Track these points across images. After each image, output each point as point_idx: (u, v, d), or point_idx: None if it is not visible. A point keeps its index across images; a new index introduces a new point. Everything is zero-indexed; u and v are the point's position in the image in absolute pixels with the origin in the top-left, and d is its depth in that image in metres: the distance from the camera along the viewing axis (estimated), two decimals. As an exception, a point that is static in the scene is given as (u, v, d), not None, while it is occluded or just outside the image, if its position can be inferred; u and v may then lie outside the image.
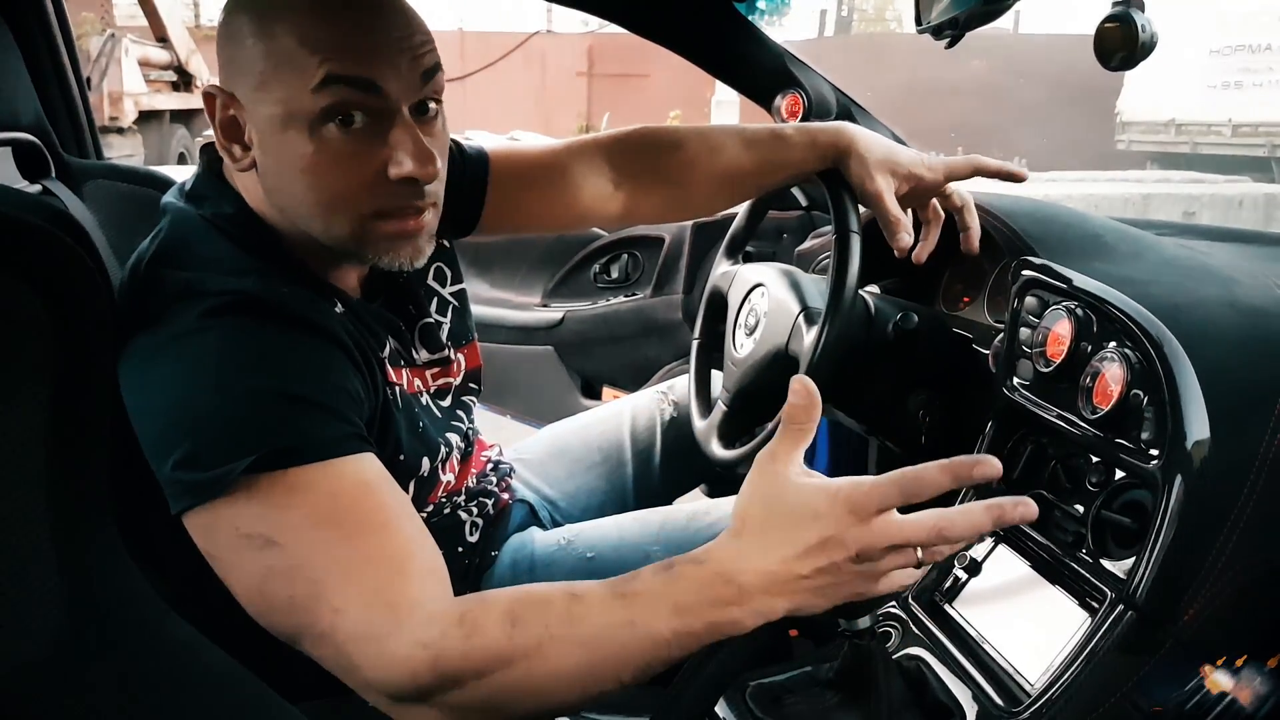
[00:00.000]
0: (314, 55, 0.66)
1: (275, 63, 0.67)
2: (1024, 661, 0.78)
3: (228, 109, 0.70)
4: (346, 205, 0.70)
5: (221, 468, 0.62)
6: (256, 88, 0.68)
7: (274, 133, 0.69)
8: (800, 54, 1.46)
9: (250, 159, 0.71)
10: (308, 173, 0.69)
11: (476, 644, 0.60)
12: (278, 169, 0.70)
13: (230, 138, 0.71)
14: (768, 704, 0.79)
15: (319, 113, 0.67)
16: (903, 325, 1.03)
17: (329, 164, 0.68)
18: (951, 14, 0.90)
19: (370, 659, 0.61)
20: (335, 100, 0.67)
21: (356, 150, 0.68)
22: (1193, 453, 0.73)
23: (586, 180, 1.02)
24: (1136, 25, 0.79)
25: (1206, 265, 0.94)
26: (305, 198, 0.70)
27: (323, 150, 0.68)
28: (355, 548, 0.63)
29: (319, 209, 0.71)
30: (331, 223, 0.71)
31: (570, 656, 0.60)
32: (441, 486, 0.88)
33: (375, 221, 0.71)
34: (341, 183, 0.69)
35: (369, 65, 0.67)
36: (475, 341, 0.96)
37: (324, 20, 0.66)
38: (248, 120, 0.70)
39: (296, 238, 0.75)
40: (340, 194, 0.70)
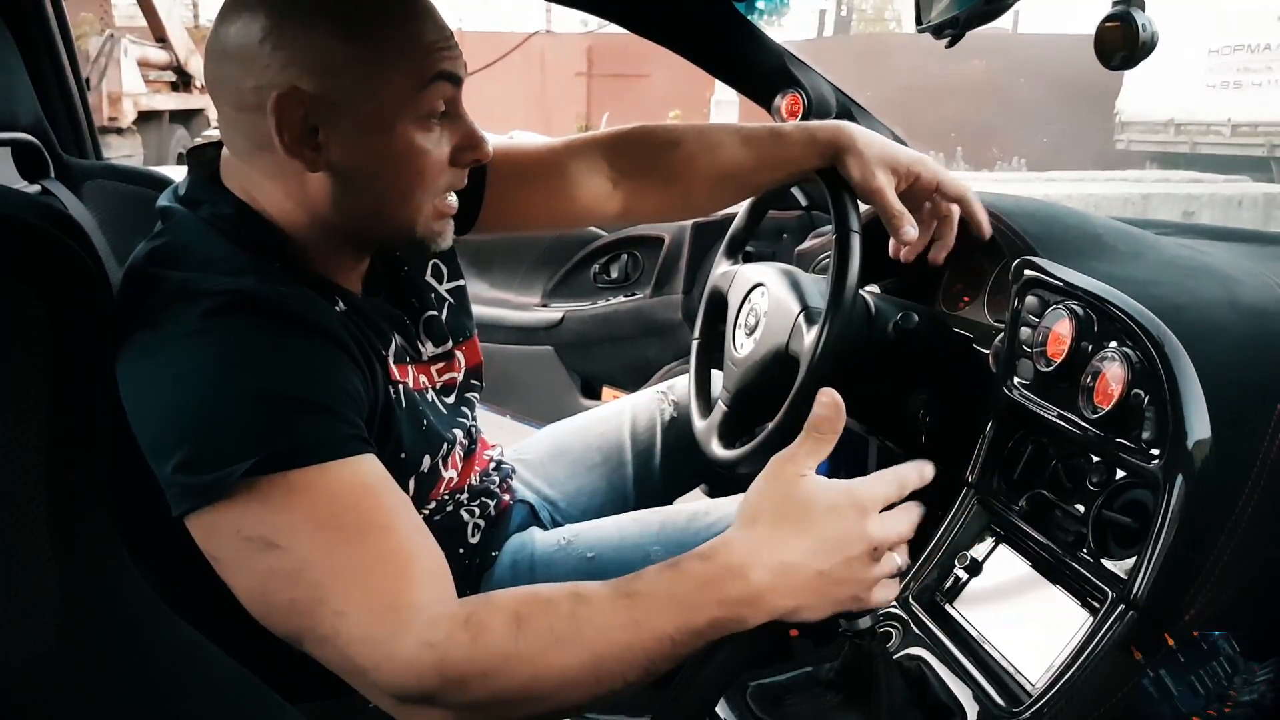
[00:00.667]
0: (422, 54, 0.70)
1: (379, 63, 0.69)
2: (1025, 661, 0.78)
3: (302, 113, 0.69)
4: (428, 191, 0.75)
5: (222, 470, 0.61)
6: (355, 88, 0.69)
7: (374, 129, 0.70)
8: (799, 54, 1.46)
9: (323, 159, 0.71)
10: (405, 164, 0.72)
11: (482, 645, 0.60)
12: (370, 166, 0.72)
13: (301, 141, 0.70)
14: (768, 704, 0.79)
15: (427, 107, 0.71)
16: (903, 325, 1.03)
17: (423, 153, 0.72)
18: (952, 13, 0.90)
19: (375, 661, 0.61)
20: (441, 95, 0.72)
21: (440, 138, 0.74)
22: (1194, 452, 0.72)
23: (584, 178, 1.02)
24: (1137, 25, 0.79)
25: (1207, 265, 0.94)
26: (392, 190, 0.73)
27: (420, 141, 0.72)
28: (356, 550, 0.63)
29: (406, 198, 0.74)
30: (405, 212, 0.75)
31: (575, 657, 0.61)
32: (444, 483, 0.88)
33: (438, 205, 0.76)
34: (429, 169, 0.73)
35: (457, 60, 0.72)
36: (475, 338, 0.96)
37: (419, 20, 0.70)
38: (324, 123, 0.69)
39: (305, 236, 0.75)
40: (429, 181, 0.74)
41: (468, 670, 0.60)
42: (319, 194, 0.73)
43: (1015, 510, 0.89)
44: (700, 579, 0.61)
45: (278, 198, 0.74)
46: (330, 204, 0.73)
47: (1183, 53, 10.44)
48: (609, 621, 0.61)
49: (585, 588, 0.63)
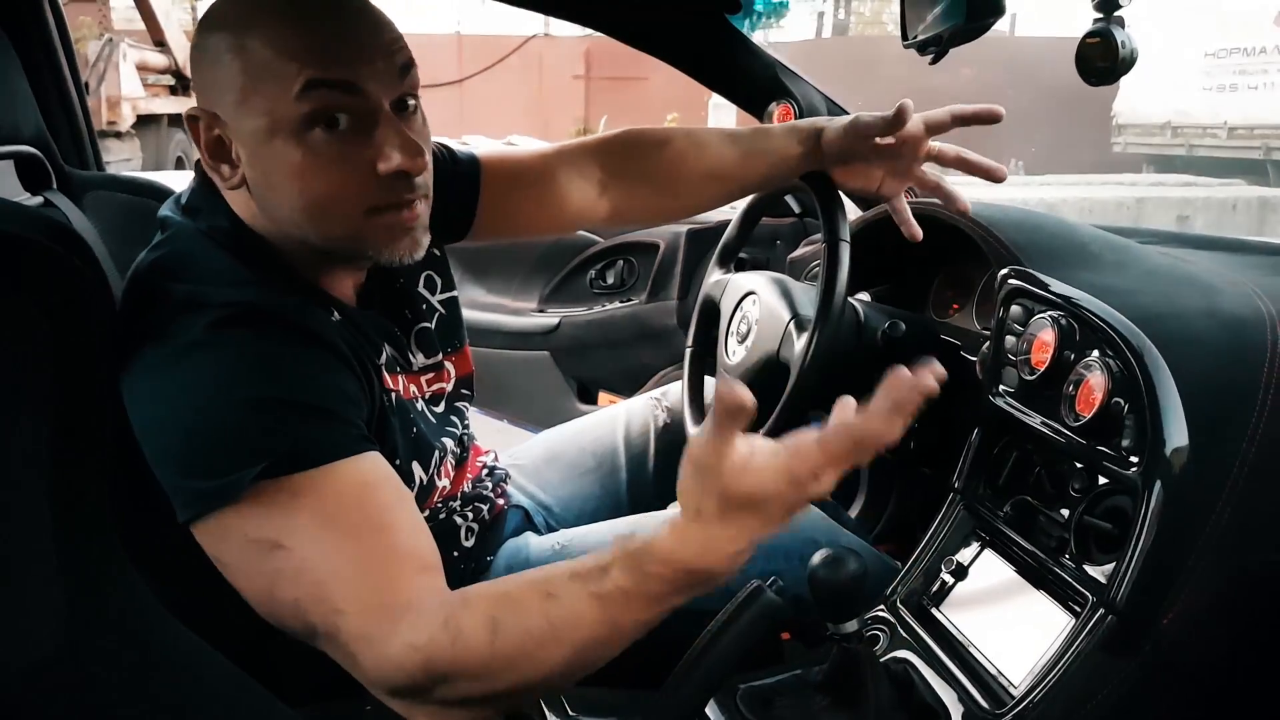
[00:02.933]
0: (292, 62, 0.67)
1: (254, 76, 0.68)
2: (1008, 664, 0.80)
3: (212, 130, 0.72)
4: (340, 206, 0.72)
5: (230, 476, 0.63)
6: (239, 103, 0.69)
7: (261, 145, 0.70)
8: (797, 56, 1.48)
9: (239, 176, 0.73)
10: (298, 178, 0.70)
11: (461, 649, 0.62)
12: (267, 180, 0.72)
13: (217, 158, 0.73)
14: (758, 707, 0.81)
15: (303, 118, 0.68)
16: (891, 333, 1.05)
17: (319, 168, 0.70)
18: (935, 31, 0.92)
19: (370, 659, 0.63)
20: (318, 105, 0.68)
21: (344, 151, 0.70)
22: (1171, 459, 0.74)
23: (575, 183, 1.04)
24: (1116, 41, 0.81)
25: (1189, 274, 0.95)
26: (298, 204, 0.72)
27: (311, 155, 0.69)
28: (356, 549, 0.65)
29: (313, 213, 0.72)
30: (327, 225, 0.73)
31: (555, 654, 0.63)
32: (437, 492, 0.89)
33: (370, 219, 0.73)
34: (333, 185, 0.71)
35: (347, 67, 0.69)
36: (466, 348, 0.98)
37: (298, 28, 0.68)
38: (233, 137, 0.72)
39: (291, 249, 0.76)
40: (333, 196, 0.71)
41: (452, 670, 0.62)
42: (251, 209, 0.75)
43: (1000, 516, 0.90)
44: (667, 580, 0.62)
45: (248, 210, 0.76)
46: (262, 218, 0.75)
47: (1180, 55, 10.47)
48: (582, 620, 0.62)
49: (554, 584, 0.63)
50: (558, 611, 0.63)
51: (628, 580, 0.62)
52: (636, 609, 0.62)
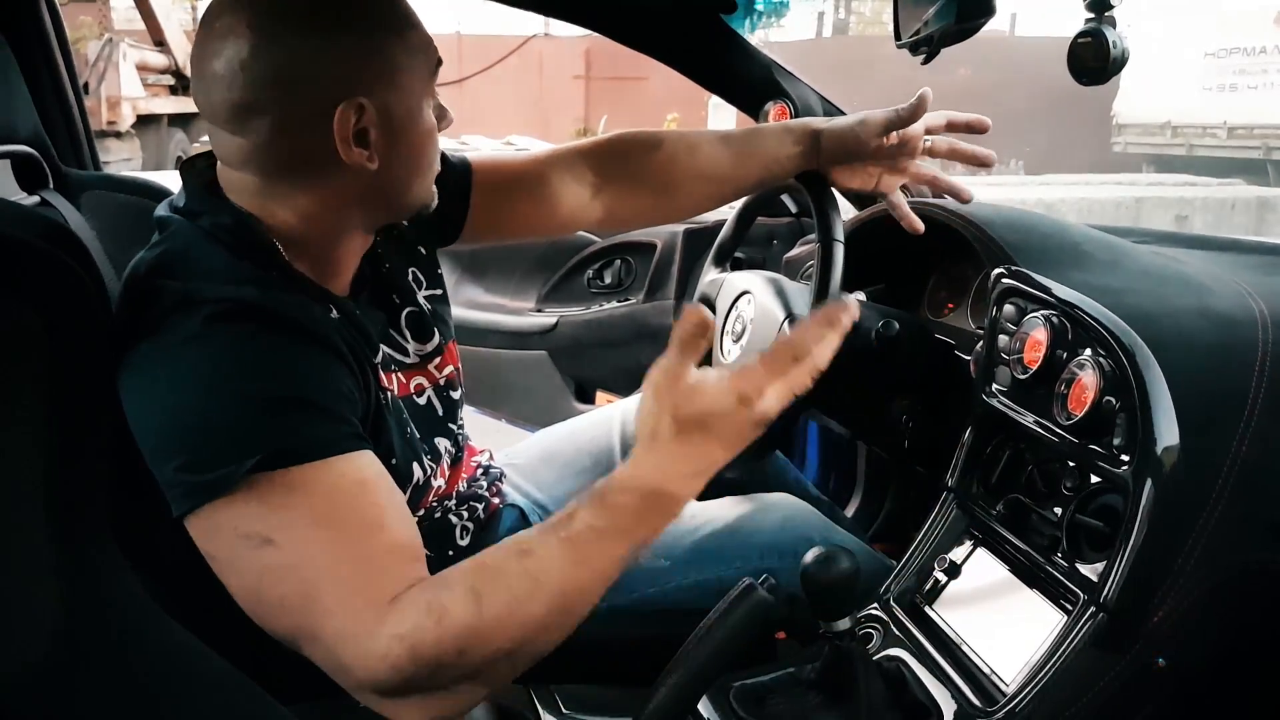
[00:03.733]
0: (429, 50, 0.78)
1: (404, 64, 0.76)
2: (1000, 662, 0.80)
3: (359, 121, 0.73)
4: (432, 162, 0.82)
5: (223, 470, 0.64)
6: (392, 86, 0.75)
7: (410, 119, 0.77)
8: (797, 56, 1.48)
9: (372, 158, 0.75)
10: (427, 141, 0.80)
11: (447, 627, 0.63)
12: (411, 151, 0.78)
13: (360, 145, 0.75)
14: (751, 704, 0.81)
15: (433, 92, 0.80)
16: (885, 332, 1.05)
17: (434, 128, 0.80)
18: (927, 32, 0.92)
19: (356, 658, 0.64)
20: (434, 81, 0.80)
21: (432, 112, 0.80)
22: (1162, 458, 0.74)
23: (567, 186, 1.05)
24: (1108, 41, 0.81)
25: (1181, 274, 0.96)
26: (423, 165, 0.81)
27: (431, 119, 0.80)
28: (346, 549, 0.65)
29: (427, 171, 0.82)
30: (428, 180, 0.82)
31: (539, 608, 0.64)
32: (433, 492, 0.90)
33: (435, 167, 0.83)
34: (437, 141, 0.82)
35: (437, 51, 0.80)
36: (453, 344, 0.98)
37: (408, 21, 0.77)
38: (376, 122, 0.74)
39: (299, 243, 0.77)
40: (436, 150, 0.82)
41: (440, 652, 0.63)
42: (357, 188, 0.77)
43: (993, 514, 0.91)
44: (631, 509, 0.65)
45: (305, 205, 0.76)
46: (365, 194, 0.78)
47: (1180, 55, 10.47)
48: (558, 567, 0.65)
49: (525, 542, 0.67)
50: (533, 564, 0.65)
51: (594, 516, 0.65)
52: (608, 545, 0.65)
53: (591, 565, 0.65)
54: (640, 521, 0.65)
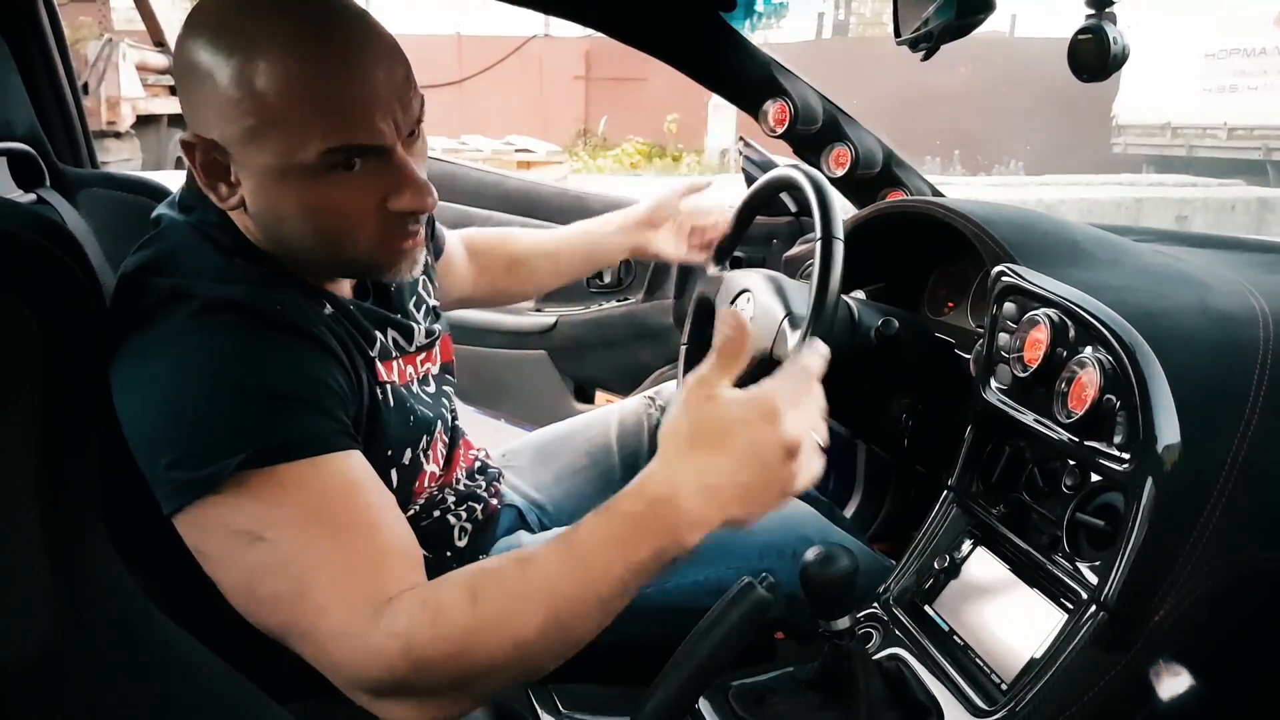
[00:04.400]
0: (315, 120, 0.65)
1: (268, 119, 0.65)
2: (1001, 661, 0.80)
3: (209, 153, 0.69)
4: (349, 239, 0.72)
5: (213, 466, 0.63)
6: (247, 139, 0.67)
7: (270, 180, 0.69)
8: (797, 56, 1.48)
9: (238, 197, 0.71)
10: (309, 216, 0.70)
11: (443, 625, 0.62)
12: (275, 211, 0.71)
13: (213, 177, 0.71)
14: (750, 704, 0.81)
15: (320, 167, 0.67)
16: (884, 331, 1.05)
17: (331, 207, 0.70)
18: (927, 28, 0.92)
19: (349, 655, 0.63)
20: (338, 160, 0.68)
21: (358, 190, 0.70)
22: (1163, 456, 0.74)
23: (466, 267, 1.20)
24: (1108, 38, 0.81)
25: (1182, 272, 0.95)
26: (306, 235, 0.72)
27: (324, 194, 0.69)
28: (339, 546, 0.65)
29: (321, 245, 0.72)
30: (334, 255, 0.74)
31: (534, 615, 0.63)
32: (426, 475, 0.89)
33: (378, 247, 0.74)
34: (344, 221, 0.71)
35: (370, 129, 0.67)
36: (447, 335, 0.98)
37: (319, 80, 0.65)
38: (234, 164, 0.70)
39: (277, 251, 0.76)
40: (343, 230, 0.71)
41: (434, 652, 0.62)
42: (247, 223, 0.74)
43: (993, 513, 0.90)
44: (633, 516, 0.63)
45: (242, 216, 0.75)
46: (267, 238, 0.74)
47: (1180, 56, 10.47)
48: (557, 574, 0.63)
49: (528, 551, 0.65)
50: (533, 571, 0.64)
51: (597, 524, 0.64)
52: (608, 556, 0.63)
53: (588, 575, 0.63)
54: (642, 532, 0.63)
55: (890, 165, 1.49)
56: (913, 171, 1.51)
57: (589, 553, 0.63)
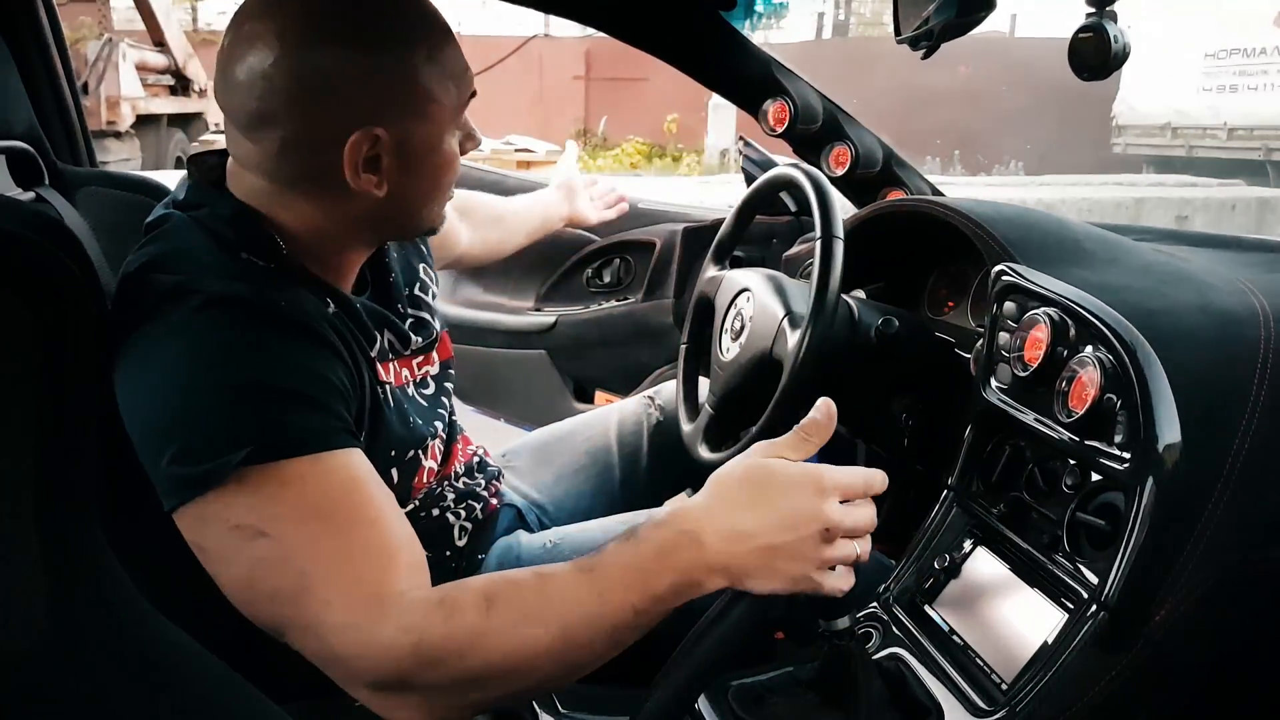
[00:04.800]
0: (460, 80, 0.77)
1: (429, 93, 0.74)
2: (1001, 661, 0.80)
3: (372, 149, 0.72)
4: (449, 191, 0.83)
5: (215, 461, 0.63)
6: (414, 115, 0.74)
7: (429, 149, 0.76)
8: (797, 57, 1.48)
9: (383, 184, 0.74)
10: (446, 171, 0.79)
11: (456, 624, 0.63)
12: (425, 179, 0.78)
13: (371, 170, 0.73)
14: (750, 704, 0.81)
15: (463, 123, 0.79)
16: (884, 330, 1.05)
17: (455, 158, 0.80)
18: (927, 26, 0.92)
19: (355, 649, 0.63)
20: (465, 113, 0.79)
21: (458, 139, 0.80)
22: (1164, 456, 0.74)
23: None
24: (1109, 36, 0.80)
25: (1182, 271, 0.95)
26: (437, 192, 0.81)
27: (455, 149, 0.79)
28: (342, 540, 0.65)
29: (440, 198, 0.82)
30: (439, 205, 0.82)
31: (544, 630, 0.63)
32: (424, 471, 0.89)
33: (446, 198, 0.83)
34: (457, 168, 0.81)
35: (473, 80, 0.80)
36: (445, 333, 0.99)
37: (449, 49, 0.76)
38: (390, 148, 0.73)
39: (306, 243, 0.76)
40: (450, 182, 0.82)
41: (443, 650, 0.63)
42: (364, 209, 0.76)
43: (994, 513, 0.90)
44: (656, 545, 0.64)
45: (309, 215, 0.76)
46: (372, 215, 0.77)
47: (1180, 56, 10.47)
48: (574, 594, 0.64)
49: (549, 567, 0.66)
50: (551, 586, 0.65)
51: (621, 551, 0.65)
52: (626, 582, 0.64)
53: (605, 599, 0.64)
54: (664, 563, 0.64)
55: (890, 164, 1.49)
56: (913, 171, 1.51)
57: (609, 576, 0.64)
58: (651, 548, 0.65)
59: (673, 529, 0.65)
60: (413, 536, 0.70)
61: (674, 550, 0.64)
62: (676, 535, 0.65)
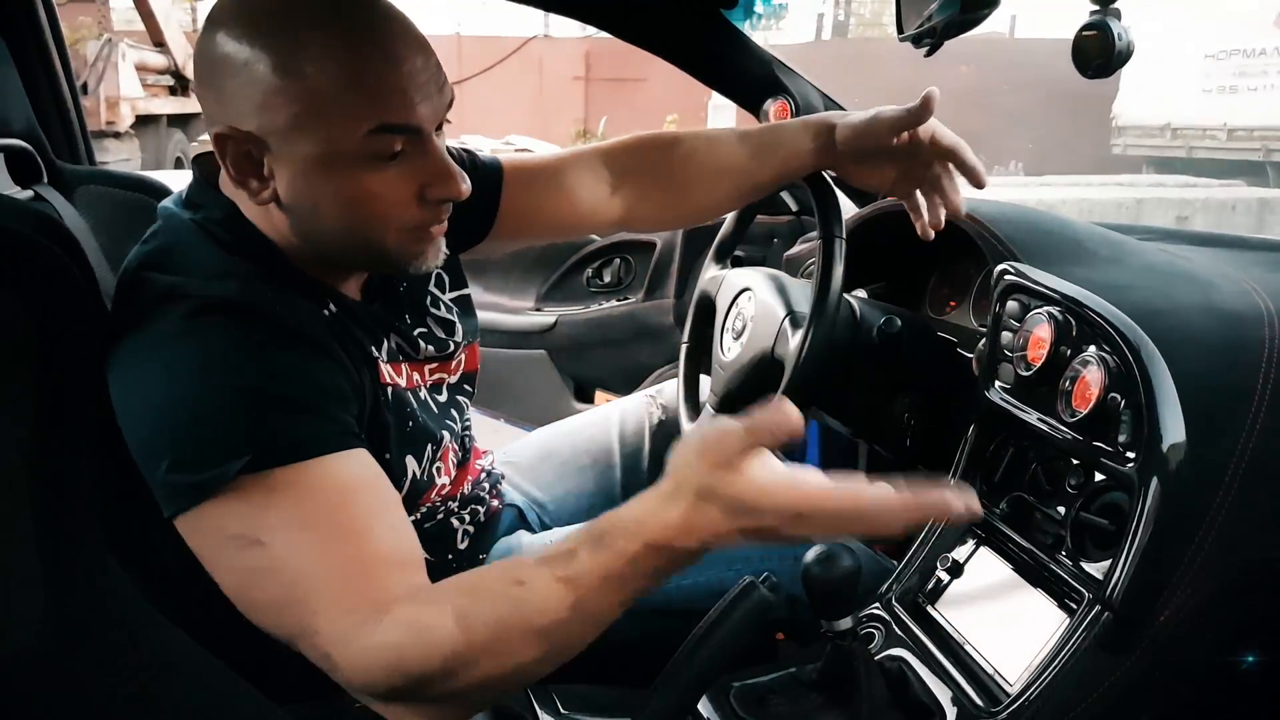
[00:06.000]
0: (362, 102, 0.67)
1: (315, 105, 0.66)
2: (1004, 662, 0.79)
3: (243, 146, 0.69)
4: (383, 229, 0.73)
5: (210, 471, 0.63)
6: (289, 128, 0.67)
7: (313, 170, 0.69)
8: (797, 58, 1.47)
9: (270, 191, 0.71)
10: (352, 205, 0.71)
11: (432, 647, 0.61)
12: (314, 202, 0.71)
13: (244, 173, 0.70)
14: (751, 705, 0.80)
15: (365, 153, 0.69)
16: (887, 329, 1.04)
17: (371, 195, 0.70)
18: (930, 23, 0.91)
19: (345, 660, 0.63)
20: (384, 144, 0.69)
21: (398, 178, 0.71)
22: (1168, 455, 0.73)
23: (588, 186, 1.04)
24: (1113, 34, 0.80)
25: (1186, 270, 0.95)
26: (340, 224, 0.72)
27: (367, 183, 0.70)
28: (334, 550, 0.64)
29: (355, 236, 0.73)
30: (365, 242, 0.73)
31: (524, 642, 0.62)
32: (435, 489, 0.88)
33: (409, 238, 0.74)
34: (382, 208, 0.71)
35: (412, 111, 0.69)
36: (476, 345, 0.97)
37: (366, 66, 0.67)
38: (270, 157, 0.69)
39: (293, 245, 0.75)
40: (380, 220, 0.72)
41: (425, 669, 0.61)
42: (279, 221, 0.74)
43: (996, 513, 0.90)
44: (632, 557, 0.60)
45: (254, 216, 0.75)
46: (292, 231, 0.74)
47: (1180, 57, 10.47)
48: (551, 605, 0.61)
49: (523, 571, 0.63)
50: (527, 597, 0.62)
51: (593, 559, 0.61)
52: (603, 591, 0.61)
53: (580, 609, 0.61)
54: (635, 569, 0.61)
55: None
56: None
57: (585, 589, 0.61)
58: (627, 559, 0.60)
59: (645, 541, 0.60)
60: (411, 538, 0.69)
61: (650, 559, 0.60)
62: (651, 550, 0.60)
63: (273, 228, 0.75)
